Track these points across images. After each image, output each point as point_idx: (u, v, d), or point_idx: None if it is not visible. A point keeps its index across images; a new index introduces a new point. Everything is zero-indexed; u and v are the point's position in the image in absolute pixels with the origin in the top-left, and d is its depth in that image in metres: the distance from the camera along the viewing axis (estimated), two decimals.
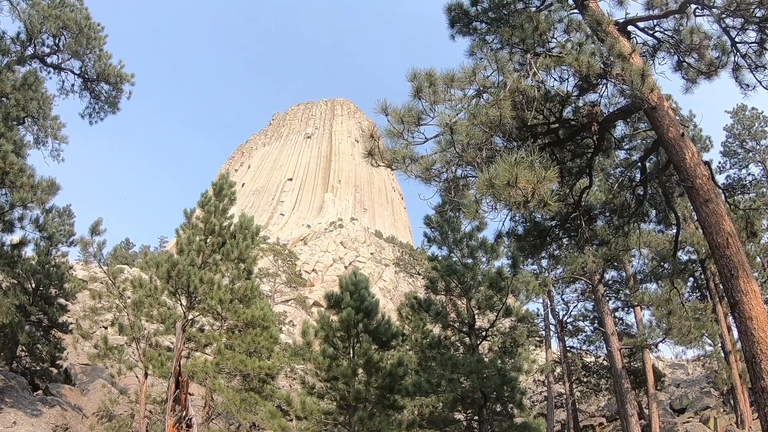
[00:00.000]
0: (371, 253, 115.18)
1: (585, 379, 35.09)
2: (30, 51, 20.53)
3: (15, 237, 22.49)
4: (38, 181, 17.82)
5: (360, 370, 15.39)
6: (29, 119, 21.53)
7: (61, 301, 28.04)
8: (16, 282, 25.14)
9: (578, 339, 34.53)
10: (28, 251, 25.79)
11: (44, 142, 22.90)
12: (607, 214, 13.12)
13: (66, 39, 20.90)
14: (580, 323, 34.40)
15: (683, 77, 10.85)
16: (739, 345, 23.77)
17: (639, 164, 11.38)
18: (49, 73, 21.86)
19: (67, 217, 27.87)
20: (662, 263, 24.10)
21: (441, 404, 20.59)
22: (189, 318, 19.67)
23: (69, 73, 22.23)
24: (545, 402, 34.60)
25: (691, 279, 31.29)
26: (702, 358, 35.13)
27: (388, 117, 8.33)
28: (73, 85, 22.61)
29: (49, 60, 21.52)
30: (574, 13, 10.13)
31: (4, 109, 18.26)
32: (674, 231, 13.06)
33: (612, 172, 14.34)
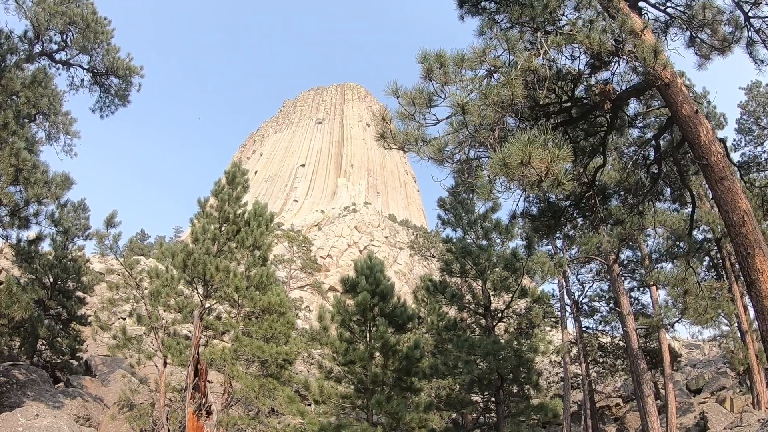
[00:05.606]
0: (386, 237, 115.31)
1: (601, 360, 35.05)
2: (38, 48, 20.58)
3: (31, 233, 22.75)
4: (52, 176, 17.96)
5: (377, 354, 15.47)
6: (40, 116, 21.64)
7: (79, 294, 28.31)
8: (34, 277, 25.41)
9: (594, 319, 34.46)
10: (45, 246, 26.09)
11: (56, 138, 23.05)
12: (622, 193, 13.04)
13: (73, 35, 20.92)
14: (596, 303, 34.32)
15: (696, 53, 10.71)
16: (755, 325, 23.67)
17: (653, 142, 11.28)
18: (58, 69, 21.92)
19: (82, 211, 28.12)
20: (677, 242, 23.96)
21: (458, 386, 20.70)
22: (206, 306, 19.83)
23: (78, 68, 22.27)
24: (561, 383, 34.65)
25: (707, 258, 31.07)
26: (718, 338, 34.89)
27: (399, 99, 8.30)
28: (82, 80, 22.65)
29: (57, 56, 21.57)
30: None
31: (15, 106, 18.34)
32: (689, 210, 12.96)
33: (626, 150, 14.26)
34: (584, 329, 33.05)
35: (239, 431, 21.50)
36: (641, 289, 32.22)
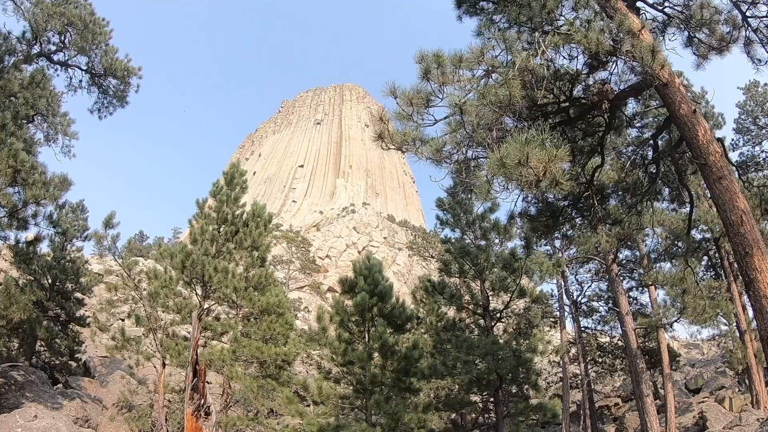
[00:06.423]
0: (384, 238, 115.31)
1: (600, 360, 35.05)
2: (36, 49, 20.56)
3: (30, 234, 22.74)
4: (50, 177, 17.92)
5: (375, 354, 15.47)
6: (39, 117, 21.61)
7: (78, 295, 28.30)
8: (32, 278, 25.39)
9: (593, 319, 34.44)
10: (44, 247, 26.08)
11: (55, 139, 23.00)
12: (620, 193, 13.04)
13: (71, 36, 20.90)
14: (595, 303, 34.30)
15: (694, 53, 10.72)
16: (754, 324, 23.68)
17: (651, 142, 11.28)
18: (56, 70, 21.90)
19: (80, 212, 28.10)
20: (676, 242, 23.98)
21: (457, 386, 20.69)
22: (205, 307, 19.83)
23: (76, 69, 22.24)
24: (560, 383, 34.64)
25: (706, 258, 31.12)
26: (717, 337, 34.99)
27: (397, 99, 8.31)
28: (80, 81, 22.61)
29: (55, 57, 21.54)
30: None
31: (13, 107, 18.34)
32: (688, 209, 12.97)
33: (624, 150, 14.24)
34: (583, 329, 33.06)
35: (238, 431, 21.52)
36: (640, 288, 32.20)
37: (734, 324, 27.89)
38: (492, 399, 18.64)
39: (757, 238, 7.75)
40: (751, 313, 24.42)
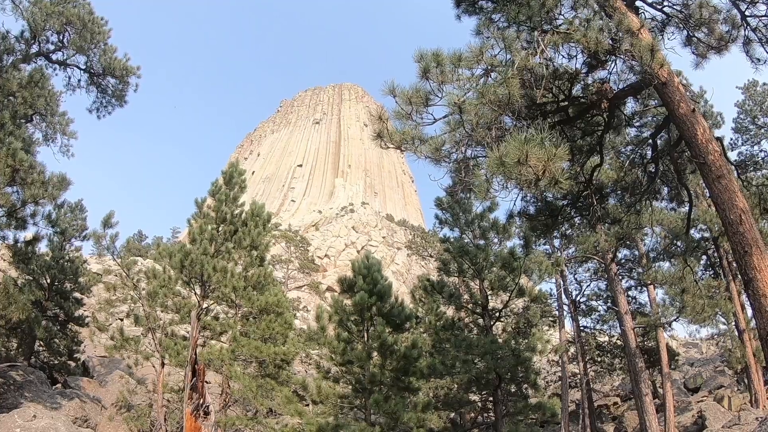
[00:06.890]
0: (383, 237, 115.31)
1: (599, 359, 35.07)
2: (35, 49, 20.51)
3: (28, 233, 22.69)
4: (49, 177, 17.90)
5: (374, 353, 15.46)
6: (37, 116, 21.57)
7: (77, 294, 28.28)
8: (31, 278, 25.37)
9: (592, 318, 34.43)
10: (42, 247, 26.03)
11: (53, 138, 22.95)
12: (619, 192, 13.02)
13: (70, 35, 20.84)
14: (594, 303, 34.28)
15: (693, 52, 10.71)
16: (753, 323, 23.68)
17: (650, 141, 11.28)
18: (55, 69, 21.82)
19: (79, 211, 28.05)
20: (675, 241, 23.97)
21: (456, 386, 20.69)
22: (203, 307, 19.80)
23: (75, 68, 22.17)
24: (559, 382, 34.64)
25: (704, 257, 31.10)
26: (716, 336, 34.95)
27: (396, 98, 8.30)
28: (79, 80, 22.52)
29: (54, 57, 21.48)
30: None
31: (11, 107, 18.29)
32: (687, 208, 12.97)
33: (623, 149, 14.25)
34: (582, 328, 33.05)
35: (237, 431, 21.50)
36: (639, 288, 32.20)
37: (733, 323, 27.89)
38: (491, 398, 18.63)
39: (756, 237, 7.75)
40: (749, 312, 24.42)
